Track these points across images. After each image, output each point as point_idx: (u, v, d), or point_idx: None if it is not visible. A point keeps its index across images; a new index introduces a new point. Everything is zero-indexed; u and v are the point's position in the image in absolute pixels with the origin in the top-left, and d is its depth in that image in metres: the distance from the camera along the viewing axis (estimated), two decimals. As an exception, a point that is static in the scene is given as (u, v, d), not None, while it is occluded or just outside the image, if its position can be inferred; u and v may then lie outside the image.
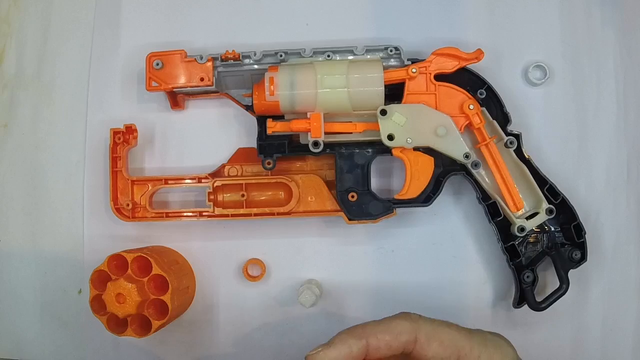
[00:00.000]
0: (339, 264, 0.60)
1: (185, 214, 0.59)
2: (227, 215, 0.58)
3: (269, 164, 0.57)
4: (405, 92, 0.56)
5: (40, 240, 0.62)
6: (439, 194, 0.56)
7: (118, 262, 0.55)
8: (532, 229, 0.56)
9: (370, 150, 0.57)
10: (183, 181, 0.59)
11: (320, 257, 0.61)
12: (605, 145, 0.60)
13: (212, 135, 0.61)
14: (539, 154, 0.59)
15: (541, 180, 0.56)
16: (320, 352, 0.43)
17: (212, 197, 0.58)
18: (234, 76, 0.58)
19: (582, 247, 0.55)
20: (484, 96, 0.56)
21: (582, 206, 0.58)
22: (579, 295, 0.59)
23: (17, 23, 0.64)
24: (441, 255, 0.60)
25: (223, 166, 0.60)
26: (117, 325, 0.54)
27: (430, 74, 0.55)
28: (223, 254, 0.61)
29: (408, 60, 0.56)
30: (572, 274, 0.56)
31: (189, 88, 0.58)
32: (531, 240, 0.57)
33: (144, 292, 0.54)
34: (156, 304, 0.55)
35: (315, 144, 0.55)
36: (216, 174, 0.60)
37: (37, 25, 0.63)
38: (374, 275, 0.60)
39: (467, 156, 0.55)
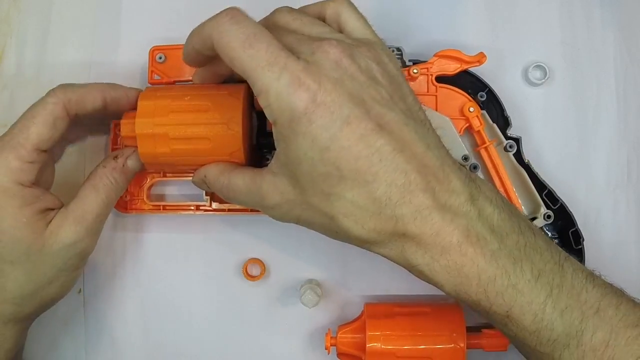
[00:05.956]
0: (338, 264, 0.60)
1: (182, 207, 0.59)
2: (224, 210, 0.58)
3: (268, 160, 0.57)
4: (406, 93, 0.55)
5: (40, 240, 0.62)
6: (438, 195, 0.56)
7: None
8: (530, 234, 0.56)
9: (370, 150, 0.57)
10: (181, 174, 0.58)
11: (320, 257, 0.61)
12: (605, 145, 0.60)
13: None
14: (539, 154, 0.59)
15: (540, 185, 0.56)
16: None
17: (209, 190, 0.58)
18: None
19: (580, 254, 0.55)
20: (484, 99, 0.56)
21: (582, 206, 0.58)
22: (578, 295, 0.59)
23: (17, 23, 0.63)
24: (441, 256, 0.60)
25: (222, 161, 0.60)
26: None
27: (431, 75, 0.55)
28: (222, 253, 0.61)
29: (410, 61, 0.56)
30: (571, 274, 0.56)
31: (191, 82, 0.57)
32: (529, 244, 0.57)
33: None
34: None
35: (316, 144, 0.55)
36: (215, 169, 0.59)
37: (37, 25, 0.63)
38: (374, 275, 0.60)
39: (465, 158, 0.55)
